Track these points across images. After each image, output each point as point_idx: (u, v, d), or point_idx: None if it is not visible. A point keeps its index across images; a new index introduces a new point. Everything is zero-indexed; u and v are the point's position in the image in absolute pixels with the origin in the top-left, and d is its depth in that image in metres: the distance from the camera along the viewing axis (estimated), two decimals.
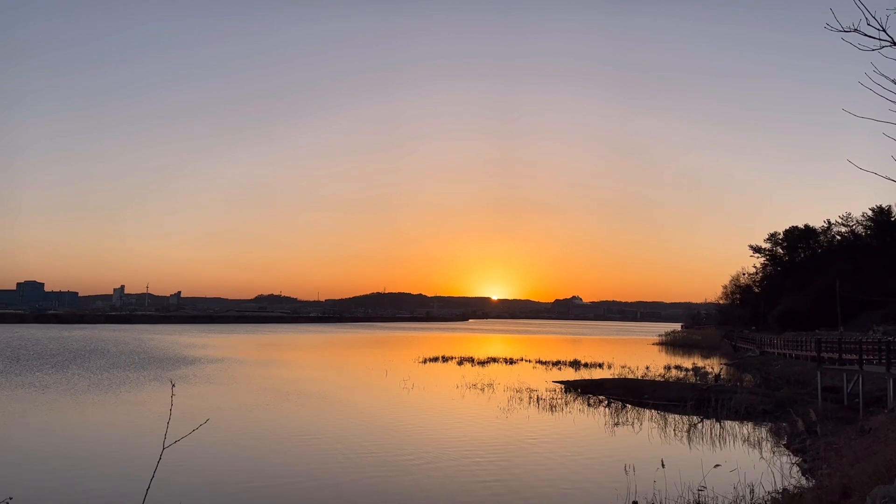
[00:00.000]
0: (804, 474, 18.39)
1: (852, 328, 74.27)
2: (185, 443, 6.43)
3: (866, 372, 29.52)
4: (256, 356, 64.55)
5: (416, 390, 38.81)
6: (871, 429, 20.37)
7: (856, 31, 5.59)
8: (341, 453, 21.26)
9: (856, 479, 10.54)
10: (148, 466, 5.70)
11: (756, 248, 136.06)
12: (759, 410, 30.52)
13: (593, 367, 56.19)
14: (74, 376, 41.77)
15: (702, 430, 26.84)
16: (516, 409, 31.28)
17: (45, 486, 16.88)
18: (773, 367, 51.64)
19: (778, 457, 21.48)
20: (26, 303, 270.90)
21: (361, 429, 25.86)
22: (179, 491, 15.69)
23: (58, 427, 25.29)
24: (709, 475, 15.08)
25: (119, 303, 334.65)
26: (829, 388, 32.43)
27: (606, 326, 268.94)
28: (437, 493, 16.72)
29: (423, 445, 22.65)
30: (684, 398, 33.26)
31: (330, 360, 63.90)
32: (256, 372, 48.56)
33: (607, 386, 38.87)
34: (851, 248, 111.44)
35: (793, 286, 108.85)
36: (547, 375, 48.85)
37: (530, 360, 62.94)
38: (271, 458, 20.42)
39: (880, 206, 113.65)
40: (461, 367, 56.38)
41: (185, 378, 42.34)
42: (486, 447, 22.69)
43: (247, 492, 16.58)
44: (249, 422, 26.92)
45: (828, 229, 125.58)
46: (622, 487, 16.22)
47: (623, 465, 18.52)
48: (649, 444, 23.60)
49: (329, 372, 51.13)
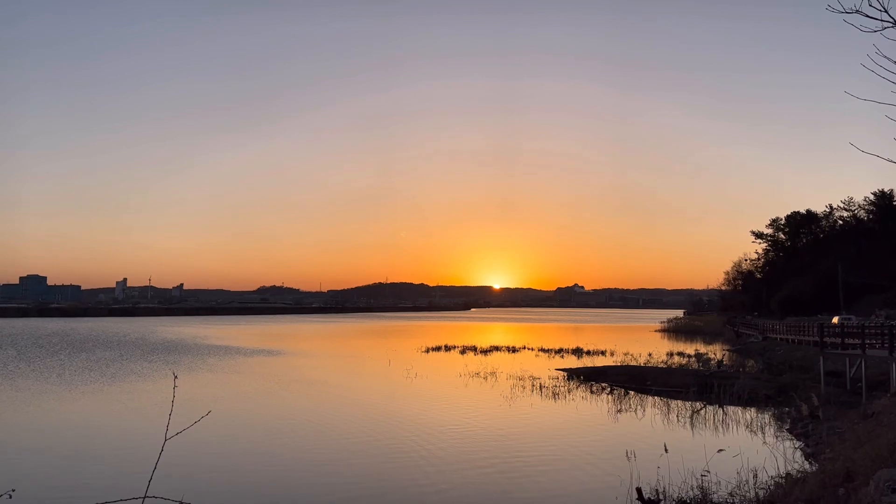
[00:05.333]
0: (807, 459, 18.42)
1: (855, 312, 74.20)
2: (188, 433, 6.43)
3: (869, 356, 29.52)
4: (259, 347, 64.64)
5: (419, 379, 38.90)
6: (873, 413, 20.39)
7: (858, 13, 5.53)
8: (344, 443, 21.31)
9: (859, 463, 10.54)
10: (150, 457, 5.68)
11: (758, 233, 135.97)
12: (761, 396, 30.53)
13: (596, 354, 56.23)
14: (77, 368, 41.88)
15: (705, 415, 26.88)
16: (519, 398, 31.34)
17: (48, 477, 16.94)
18: (775, 353, 51.68)
19: (781, 441, 21.50)
20: (29, 296, 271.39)
21: (365, 418, 25.92)
22: (182, 481, 15.74)
23: (61, 419, 25.37)
24: (712, 460, 15.10)
25: (122, 296, 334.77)
26: (831, 372, 32.41)
27: (608, 314, 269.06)
28: (440, 480, 16.77)
29: (426, 434, 22.70)
30: (687, 384, 33.29)
31: (333, 351, 64.03)
32: (259, 362, 48.66)
33: (610, 373, 38.90)
34: (853, 233, 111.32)
35: (795, 271, 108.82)
36: (549, 363, 48.92)
37: (533, 349, 63.01)
38: (274, 448, 20.48)
39: (882, 190, 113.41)
40: (464, 355, 56.46)
41: (189, 369, 42.47)
42: (489, 435, 22.74)
43: (250, 482, 16.64)
44: (252, 412, 26.99)
45: (830, 214, 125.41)
46: (625, 473, 16.25)
47: (626, 451, 18.55)
48: (652, 430, 23.63)
49: (332, 362, 51.23)
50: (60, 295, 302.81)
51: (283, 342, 74.54)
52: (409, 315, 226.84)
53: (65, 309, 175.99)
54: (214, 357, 52.41)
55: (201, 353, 55.65)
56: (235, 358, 52.05)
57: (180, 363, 46.89)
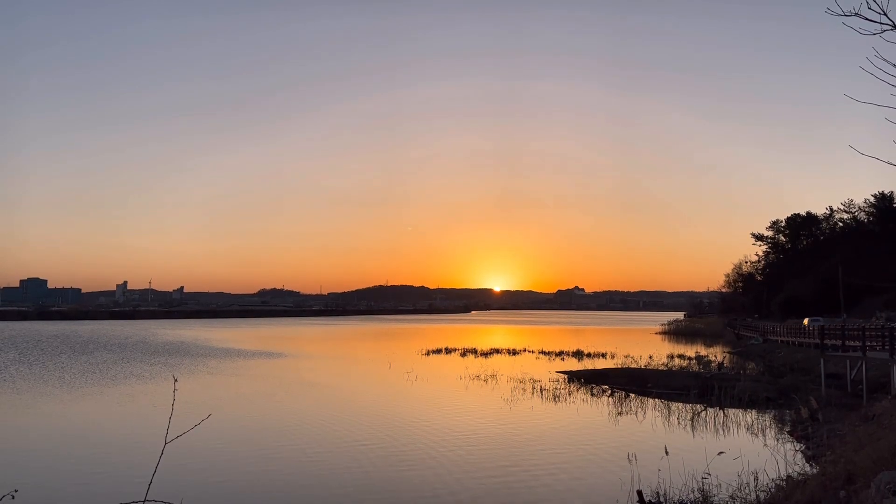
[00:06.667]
0: (808, 461, 18.40)
1: (855, 315, 74.17)
2: (188, 436, 6.43)
3: (869, 358, 29.51)
4: (259, 349, 64.62)
5: (419, 382, 38.88)
6: (874, 415, 20.37)
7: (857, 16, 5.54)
8: (345, 446, 21.29)
9: (860, 466, 10.53)
10: (150, 460, 5.69)
11: (758, 235, 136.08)
12: (762, 398, 30.51)
13: (596, 356, 56.23)
14: (78, 371, 41.87)
15: (705, 418, 26.86)
16: (520, 400, 31.33)
17: (49, 479, 16.95)
18: (776, 355, 51.65)
19: (782, 444, 21.48)
20: (30, 300, 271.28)
21: (365, 421, 25.90)
22: (182, 485, 15.74)
23: (61, 421, 25.37)
24: (712, 463, 15.08)
25: (122, 298, 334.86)
26: (832, 374, 32.41)
27: (609, 316, 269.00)
28: (440, 483, 16.75)
29: (427, 436, 22.69)
30: (687, 387, 33.29)
31: (333, 353, 64.00)
32: (259, 365, 48.64)
33: (610, 375, 38.89)
34: (854, 235, 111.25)
35: (795, 273, 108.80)
36: (550, 366, 48.88)
37: (533, 351, 63.01)
38: (274, 451, 20.46)
39: (882, 193, 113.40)
40: (464, 358, 56.46)
41: (189, 371, 42.46)
42: (490, 438, 22.73)
43: (250, 486, 16.63)
44: (252, 415, 26.97)
45: (830, 216, 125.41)
46: (626, 476, 16.24)
47: (627, 453, 18.54)
48: (653, 432, 23.62)
49: (332, 365, 51.21)
50: (61, 298, 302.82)
51: (283, 345, 74.51)
52: (410, 317, 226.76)
53: (65, 312, 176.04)
54: (215, 360, 52.40)
55: (202, 356, 55.63)
56: (236, 360, 52.03)
57: (181, 366, 46.87)
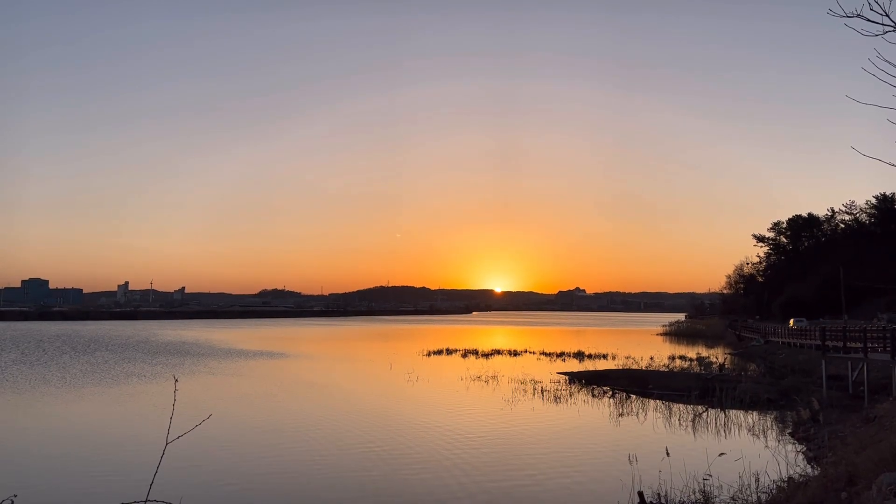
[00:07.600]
0: (809, 462, 18.39)
1: (857, 316, 74.13)
2: (190, 437, 6.43)
3: (871, 360, 29.46)
4: (260, 350, 64.64)
5: (420, 383, 38.86)
6: (876, 416, 20.34)
7: (859, 17, 5.53)
8: (345, 446, 21.29)
9: (861, 467, 10.51)
10: (152, 461, 5.69)
11: (759, 237, 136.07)
12: (763, 399, 30.48)
13: (597, 358, 56.18)
14: (79, 371, 41.89)
15: (706, 419, 26.84)
16: (521, 401, 31.31)
17: (49, 482, 16.93)
18: (777, 356, 51.58)
19: (783, 445, 21.47)
20: (31, 300, 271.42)
21: (366, 422, 25.89)
22: (184, 485, 15.74)
23: (63, 422, 25.37)
24: (714, 464, 15.07)
25: (123, 299, 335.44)
26: (833, 376, 32.35)
27: (610, 317, 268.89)
28: (441, 484, 16.74)
29: (428, 437, 22.69)
30: (689, 388, 33.25)
31: (334, 354, 63.98)
32: (260, 365, 48.65)
33: (612, 377, 38.85)
34: (855, 236, 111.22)
35: (796, 275, 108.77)
36: (551, 367, 48.85)
37: (534, 352, 62.96)
38: (275, 452, 20.46)
39: (884, 194, 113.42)
40: (465, 359, 56.44)
41: (190, 372, 42.47)
42: (491, 439, 22.72)
43: (251, 486, 16.62)
44: (253, 415, 26.96)
45: (831, 217, 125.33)
46: (627, 477, 16.23)
47: (627, 454, 18.50)
48: (654, 433, 23.60)
49: (333, 365, 51.20)
50: (62, 298, 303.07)
51: (284, 345, 74.52)
52: (411, 318, 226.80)
53: (66, 312, 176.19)
54: (216, 360, 52.41)
55: (202, 356, 55.65)
56: (237, 361, 52.05)
57: (181, 366, 46.89)
